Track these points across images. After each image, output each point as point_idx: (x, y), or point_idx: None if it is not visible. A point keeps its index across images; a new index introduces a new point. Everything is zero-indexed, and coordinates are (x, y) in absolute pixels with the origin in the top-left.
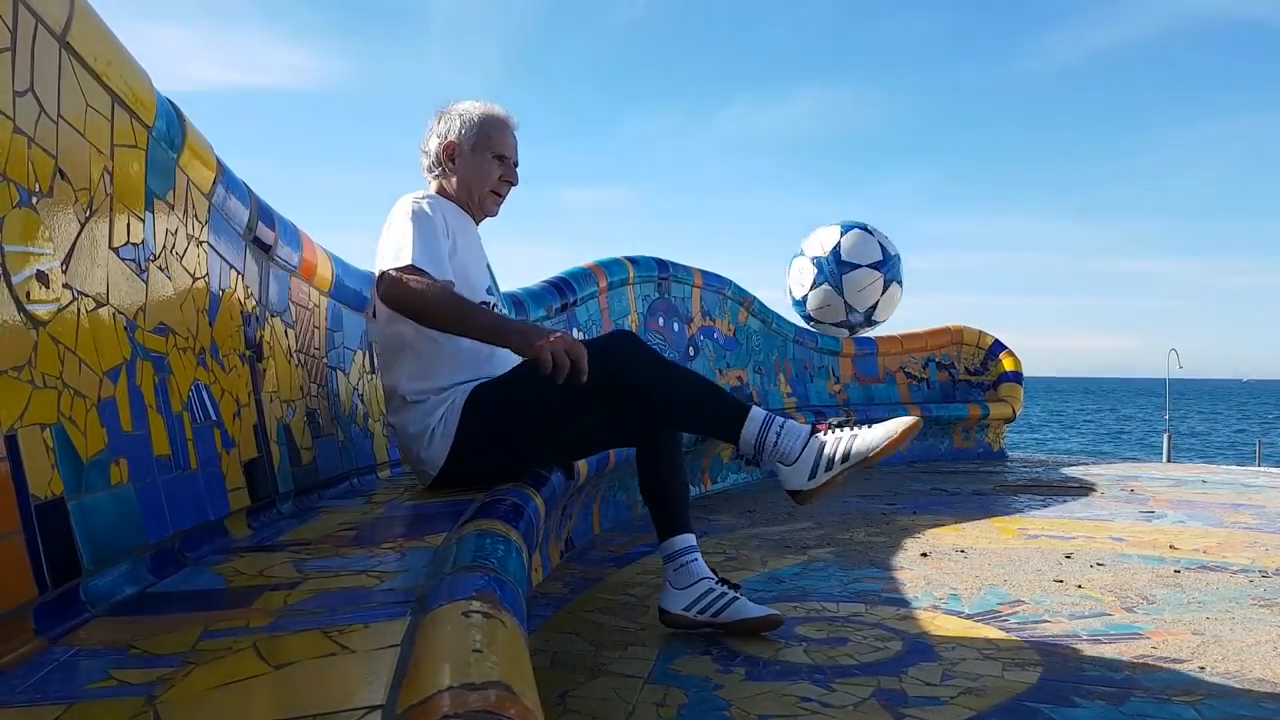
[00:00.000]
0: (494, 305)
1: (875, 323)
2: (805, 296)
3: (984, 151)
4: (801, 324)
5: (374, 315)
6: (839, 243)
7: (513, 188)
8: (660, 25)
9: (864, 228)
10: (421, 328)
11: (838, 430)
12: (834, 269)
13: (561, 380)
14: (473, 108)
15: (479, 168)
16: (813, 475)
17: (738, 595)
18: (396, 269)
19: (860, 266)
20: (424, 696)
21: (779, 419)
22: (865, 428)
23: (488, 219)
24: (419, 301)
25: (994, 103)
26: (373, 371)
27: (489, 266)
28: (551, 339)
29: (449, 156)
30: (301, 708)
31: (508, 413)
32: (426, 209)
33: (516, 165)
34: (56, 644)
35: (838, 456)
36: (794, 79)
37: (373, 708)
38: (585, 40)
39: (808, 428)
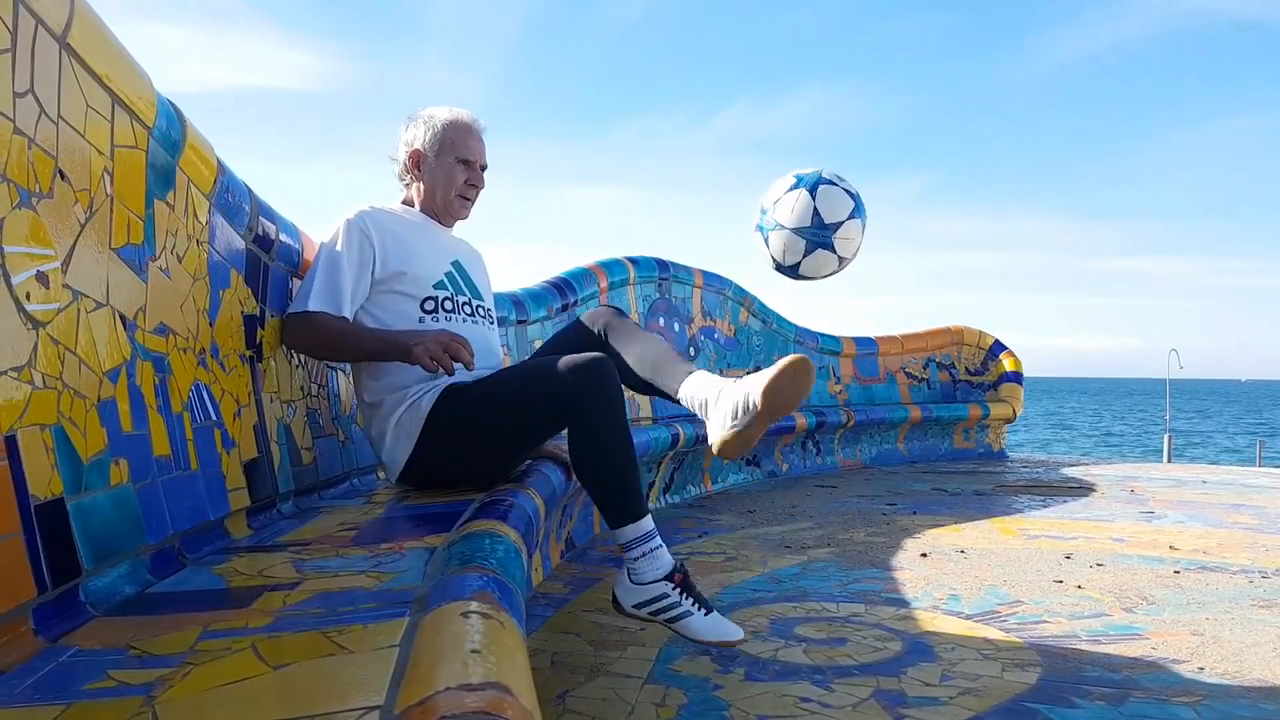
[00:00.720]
0: (449, 298)
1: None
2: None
3: (984, 151)
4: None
5: None
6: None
7: (479, 191)
8: (660, 25)
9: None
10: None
11: (682, 596)
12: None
13: (452, 374)
14: (437, 114)
15: (444, 173)
16: (638, 607)
17: (691, 611)
18: (292, 314)
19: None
20: (422, 697)
21: (657, 541)
22: (701, 614)
23: (471, 220)
24: (310, 345)
25: (994, 103)
26: None
27: (460, 262)
28: (426, 343)
29: (415, 164)
30: (300, 708)
31: (474, 412)
32: (340, 238)
33: (485, 168)
34: (56, 644)
35: (663, 616)
36: (794, 79)
37: (371, 708)
38: (586, 40)
39: (667, 567)
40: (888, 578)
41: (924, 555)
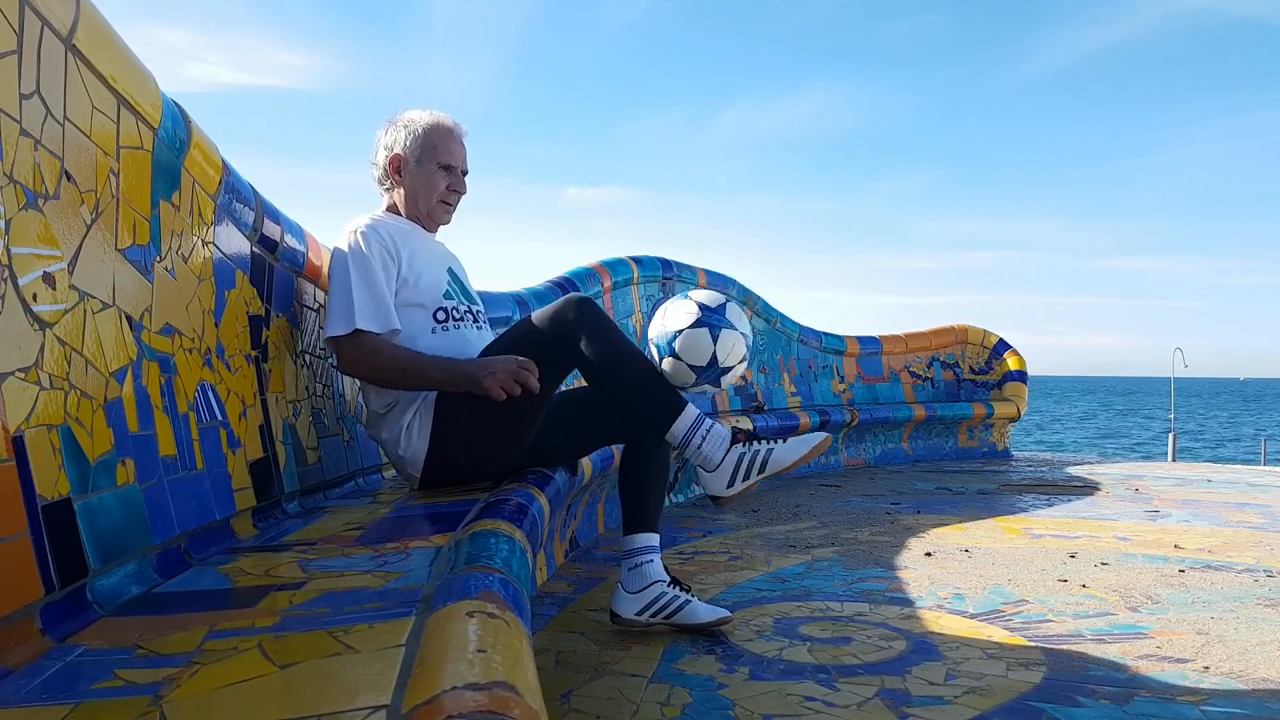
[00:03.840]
0: (455, 307)
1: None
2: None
3: (986, 151)
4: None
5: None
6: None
7: (462, 196)
8: (661, 25)
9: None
10: None
11: (755, 443)
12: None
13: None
14: (418, 117)
15: (425, 179)
16: (731, 483)
17: (690, 598)
18: (345, 336)
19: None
20: (429, 696)
21: (708, 421)
22: (780, 443)
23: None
24: (373, 374)
25: (996, 102)
26: None
27: (453, 269)
28: (495, 374)
29: (395, 170)
30: (307, 708)
31: (478, 403)
32: (363, 246)
33: (466, 173)
34: (63, 644)
35: (755, 468)
36: (795, 79)
37: (378, 708)
38: (586, 40)
39: (728, 434)
40: (892, 577)
41: (928, 554)
